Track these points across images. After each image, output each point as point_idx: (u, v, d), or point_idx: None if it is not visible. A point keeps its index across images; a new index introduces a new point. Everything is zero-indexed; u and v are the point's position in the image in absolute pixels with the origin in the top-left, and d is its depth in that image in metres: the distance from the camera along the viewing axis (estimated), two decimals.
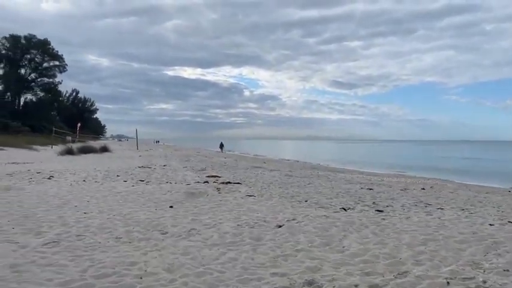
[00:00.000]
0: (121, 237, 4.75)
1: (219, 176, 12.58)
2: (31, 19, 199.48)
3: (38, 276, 3.45)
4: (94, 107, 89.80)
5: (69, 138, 45.34)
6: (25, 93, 57.48)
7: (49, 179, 10.57)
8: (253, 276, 3.52)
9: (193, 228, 5.21)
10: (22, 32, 56.87)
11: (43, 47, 56.11)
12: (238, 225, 5.46)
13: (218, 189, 9.16)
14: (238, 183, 10.37)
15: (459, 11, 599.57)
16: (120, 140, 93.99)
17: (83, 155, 22.68)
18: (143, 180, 10.66)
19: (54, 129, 37.67)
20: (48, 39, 57.25)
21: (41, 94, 58.33)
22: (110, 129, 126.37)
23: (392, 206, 7.32)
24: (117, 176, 11.72)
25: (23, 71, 56.75)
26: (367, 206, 7.32)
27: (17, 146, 27.10)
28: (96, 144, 31.82)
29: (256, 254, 4.16)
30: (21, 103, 56.80)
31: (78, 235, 4.78)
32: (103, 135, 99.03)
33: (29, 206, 6.50)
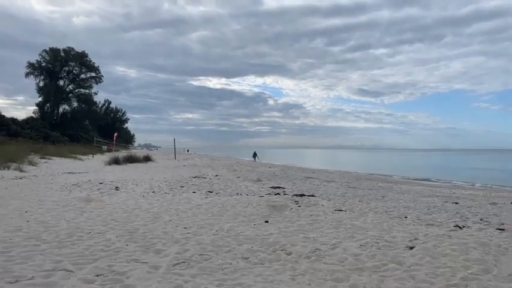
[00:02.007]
0: (248, 258, 4.36)
1: (283, 187, 12.14)
2: (64, 33, 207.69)
3: None
4: (125, 117, 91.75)
5: (105, 147, 46.30)
6: (63, 104, 59.17)
7: (116, 189, 10.43)
8: None
9: (318, 249, 4.75)
10: (57, 45, 58.80)
11: (81, 59, 57.72)
12: (361, 245, 4.97)
13: (296, 202, 8.69)
14: (313, 195, 9.88)
15: (488, 16, 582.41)
16: (150, 149, 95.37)
17: (129, 165, 22.81)
18: (212, 192, 10.34)
19: (95, 139, 38.41)
20: (86, 52, 59.03)
21: (76, 105, 59.92)
22: (138, 139, 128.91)
23: (508, 224, 6.63)
24: (181, 186, 11.48)
25: (61, 82, 58.54)
26: (478, 223, 6.67)
27: (62, 155, 27.61)
28: (140, 153, 32.06)
29: (419, 283, 3.65)
30: (59, 114, 58.45)
31: (201, 254, 4.42)
32: (131, 145, 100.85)
33: (123, 220, 6.25)
